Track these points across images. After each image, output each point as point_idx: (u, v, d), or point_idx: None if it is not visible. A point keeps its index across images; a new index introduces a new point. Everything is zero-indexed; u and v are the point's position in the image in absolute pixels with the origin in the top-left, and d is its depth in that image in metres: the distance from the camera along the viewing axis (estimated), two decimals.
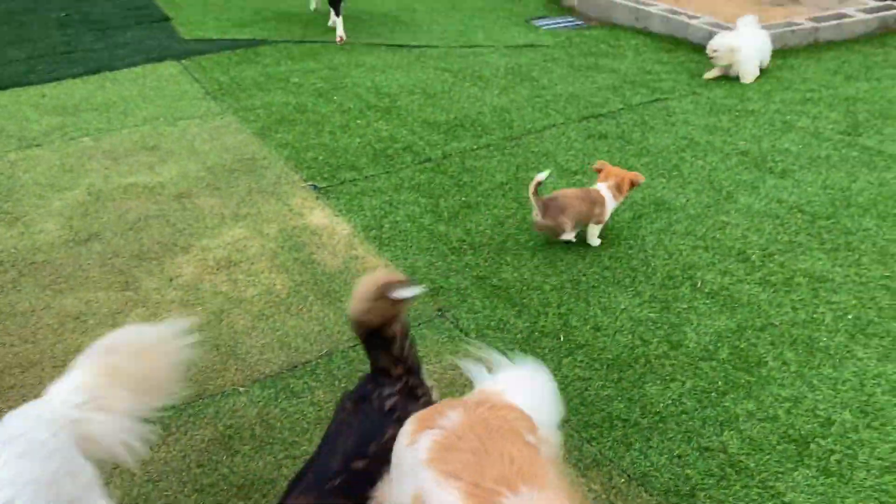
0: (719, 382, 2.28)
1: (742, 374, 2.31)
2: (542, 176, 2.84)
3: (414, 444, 1.34)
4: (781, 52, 5.15)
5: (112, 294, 2.72)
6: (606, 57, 5.19)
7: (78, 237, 3.06)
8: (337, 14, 5.41)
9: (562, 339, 2.50)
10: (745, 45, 4.55)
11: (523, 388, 1.55)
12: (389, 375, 1.67)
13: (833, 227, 3.08)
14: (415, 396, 1.67)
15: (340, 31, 5.43)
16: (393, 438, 1.44)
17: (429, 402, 1.65)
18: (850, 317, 2.55)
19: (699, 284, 2.74)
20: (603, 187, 2.95)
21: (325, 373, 2.36)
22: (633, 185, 2.97)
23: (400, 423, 1.46)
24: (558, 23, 6.07)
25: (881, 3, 5.74)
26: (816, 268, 2.81)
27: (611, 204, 2.95)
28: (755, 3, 6.37)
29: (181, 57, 5.01)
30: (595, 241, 3.00)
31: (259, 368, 2.38)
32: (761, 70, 4.75)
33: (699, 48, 5.04)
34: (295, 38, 5.43)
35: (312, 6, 6.21)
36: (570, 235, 2.95)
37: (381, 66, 4.96)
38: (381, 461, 1.48)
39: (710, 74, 4.72)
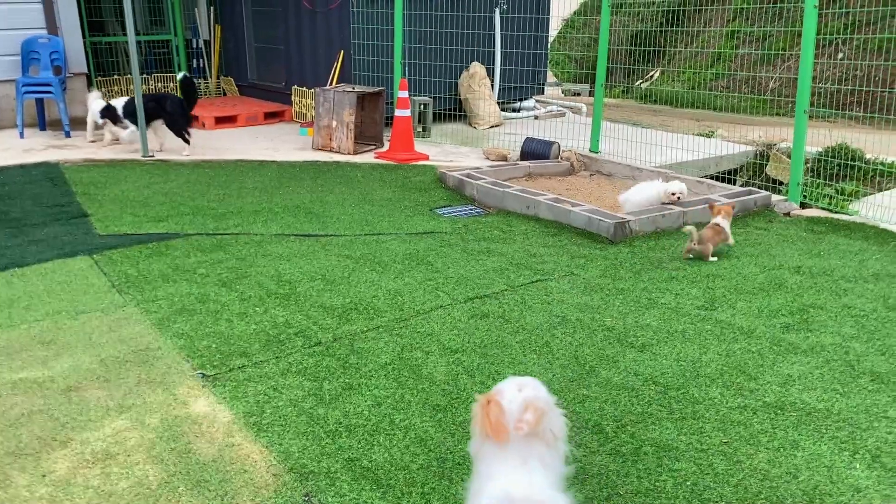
0: None
1: None
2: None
3: None
4: (655, 235, 5.70)
5: None
6: (497, 241, 5.64)
7: None
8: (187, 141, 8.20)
9: None
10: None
11: None
12: None
13: (682, 397, 3.34)
14: None
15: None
16: None
17: None
18: (688, 483, 2.74)
19: None
20: (718, 219, 5.13)
21: None
22: (733, 209, 5.29)
23: None
24: (459, 211, 6.58)
25: (741, 189, 6.46)
26: (663, 437, 3.04)
27: (727, 226, 5.14)
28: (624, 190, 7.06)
29: (93, 252, 5.24)
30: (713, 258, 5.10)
31: None
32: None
33: (580, 232, 5.54)
34: (208, 231, 5.75)
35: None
36: (713, 257, 5.10)
37: (287, 255, 5.26)
38: None
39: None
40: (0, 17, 9.26)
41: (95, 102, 8.45)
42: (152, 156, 8.15)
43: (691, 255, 5.12)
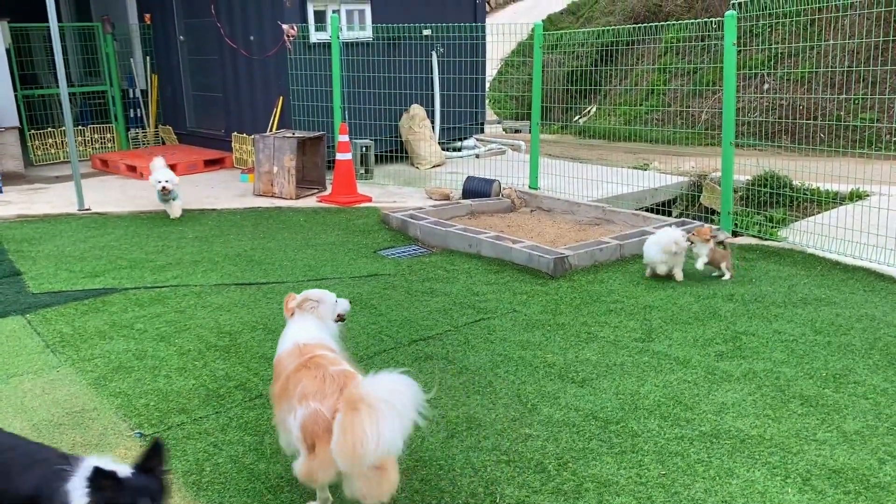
0: None
1: None
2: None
3: None
4: (594, 268, 5.82)
5: None
6: (441, 281, 5.68)
7: None
8: None
9: None
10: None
11: None
12: None
13: (622, 430, 3.40)
14: None
15: None
16: None
17: None
18: None
19: (498, 500, 2.93)
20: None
21: None
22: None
23: None
24: (403, 252, 6.61)
25: (675, 220, 6.66)
26: (604, 472, 3.08)
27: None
28: (575, 224, 7.22)
29: (26, 311, 5.10)
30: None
31: None
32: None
33: (521, 268, 5.62)
34: (146, 284, 5.65)
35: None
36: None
37: (227, 306, 5.20)
38: None
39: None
40: None
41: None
42: (88, 209, 7.99)
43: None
